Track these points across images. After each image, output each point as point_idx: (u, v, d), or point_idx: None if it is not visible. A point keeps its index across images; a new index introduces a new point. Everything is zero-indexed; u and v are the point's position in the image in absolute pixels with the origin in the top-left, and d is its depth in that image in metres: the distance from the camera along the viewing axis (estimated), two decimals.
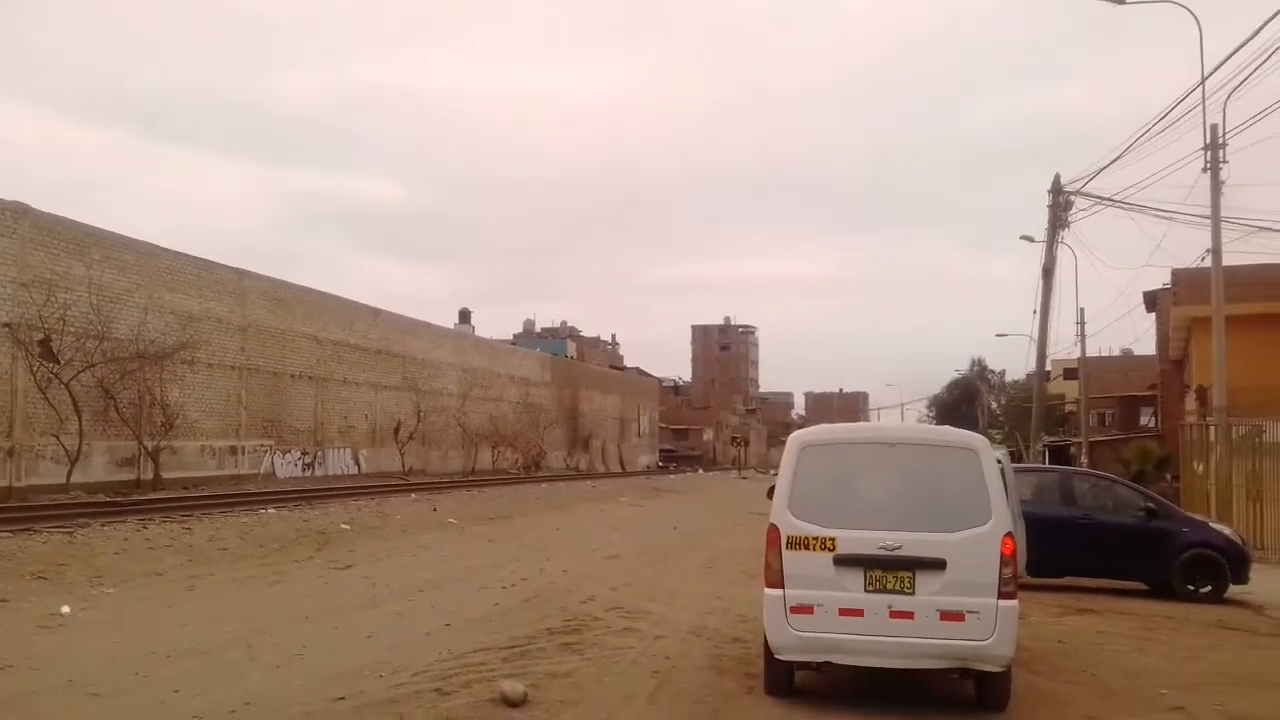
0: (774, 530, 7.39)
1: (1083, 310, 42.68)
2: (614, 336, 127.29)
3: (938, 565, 7.05)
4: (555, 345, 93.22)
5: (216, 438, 32.75)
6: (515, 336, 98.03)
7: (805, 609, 7.20)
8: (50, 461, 26.17)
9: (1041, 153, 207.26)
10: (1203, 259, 21.39)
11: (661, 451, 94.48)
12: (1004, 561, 7.05)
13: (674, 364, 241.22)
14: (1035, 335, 27.23)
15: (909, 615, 7.06)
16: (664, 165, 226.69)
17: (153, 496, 24.30)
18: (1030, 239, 39.83)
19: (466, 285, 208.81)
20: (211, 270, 33.13)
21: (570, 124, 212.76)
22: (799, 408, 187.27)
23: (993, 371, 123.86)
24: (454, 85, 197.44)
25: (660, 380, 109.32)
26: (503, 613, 11.29)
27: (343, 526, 19.71)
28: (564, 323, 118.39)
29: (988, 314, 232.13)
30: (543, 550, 17.86)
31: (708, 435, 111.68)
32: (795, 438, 7.82)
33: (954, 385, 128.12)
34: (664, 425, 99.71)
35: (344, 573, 14.21)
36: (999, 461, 7.33)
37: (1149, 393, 55.36)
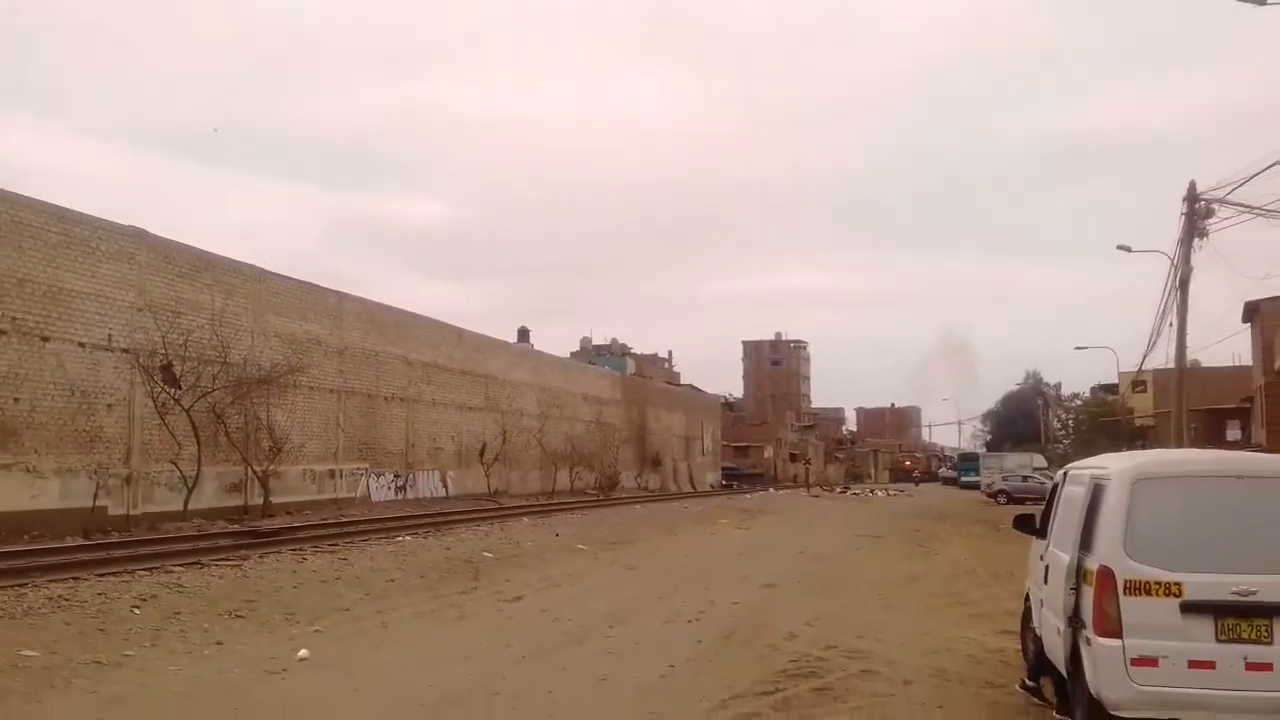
0: (1107, 573, 6.80)
1: (1184, 321, 41.13)
2: (670, 353, 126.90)
3: None
4: (616, 363, 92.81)
5: (316, 461, 32.63)
6: (573, 354, 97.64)
7: (1149, 661, 6.61)
8: (165, 489, 26.11)
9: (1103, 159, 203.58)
10: None
11: (724, 469, 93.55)
12: None
13: (724, 380, 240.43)
14: (1174, 347, 26.47)
15: (1268, 667, 6.46)
16: (706, 180, 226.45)
17: (289, 524, 24.10)
18: (1127, 248, 38.87)
19: (514, 304, 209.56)
20: (314, 292, 33.11)
21: (612, 141, 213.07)
22: (850, 423, 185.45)
23: (1049, 385, 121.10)
24: (491, 106, 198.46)
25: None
26: (714, 652, 10.82)
27: (486, 554, 19.36)
28: (614, 340, 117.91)
29: (1040, 325, 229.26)
30: (692, 579, 17.37)
31: (768, 452, 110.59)
32: (1125, 470, 7.22)
33: (1009, 399, 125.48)
34: (725, 443, 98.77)
35: (517, 605, 13.83)
36: None
37: (1240, 405, 54.08)
